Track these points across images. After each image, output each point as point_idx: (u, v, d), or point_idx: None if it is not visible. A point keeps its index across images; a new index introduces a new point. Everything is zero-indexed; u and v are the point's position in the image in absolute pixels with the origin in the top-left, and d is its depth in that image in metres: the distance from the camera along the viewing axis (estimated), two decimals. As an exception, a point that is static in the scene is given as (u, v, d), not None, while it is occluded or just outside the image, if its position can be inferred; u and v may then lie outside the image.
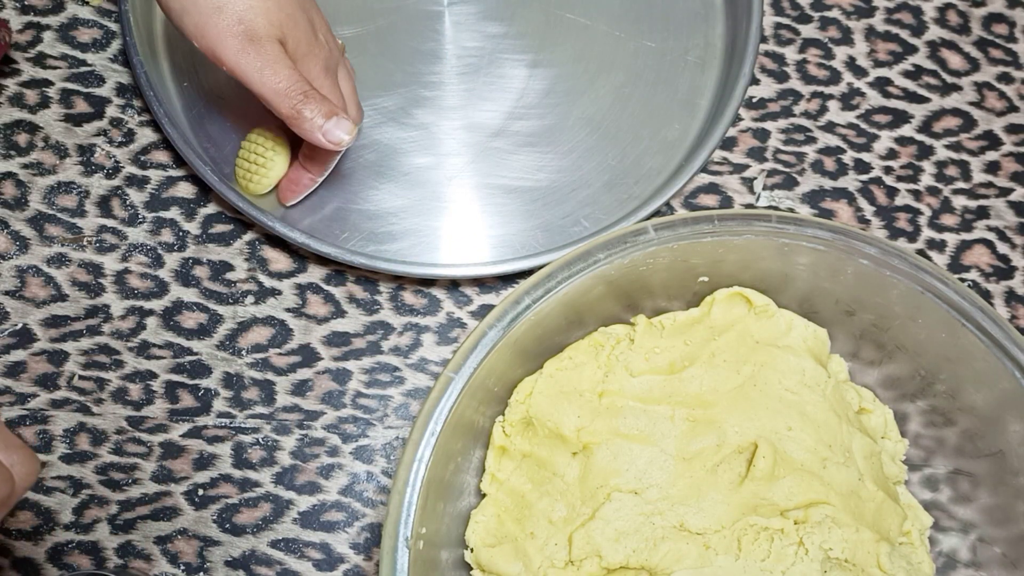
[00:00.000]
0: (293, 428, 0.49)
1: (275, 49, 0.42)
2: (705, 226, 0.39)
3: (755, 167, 0.54)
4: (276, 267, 0.51)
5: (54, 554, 0.47)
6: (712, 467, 0.39)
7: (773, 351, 0.41)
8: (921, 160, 0.54)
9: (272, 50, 0.42)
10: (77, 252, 0.51)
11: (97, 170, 0.52)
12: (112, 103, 0.53)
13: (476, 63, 0.54)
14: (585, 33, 0.55)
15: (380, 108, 0.53)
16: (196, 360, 0.49)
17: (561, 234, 0.51)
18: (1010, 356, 0.38)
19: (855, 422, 0.41)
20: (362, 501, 0.48)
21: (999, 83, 0.56)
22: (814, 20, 0.56)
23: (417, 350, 0.50)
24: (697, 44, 0.55)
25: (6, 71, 0.53)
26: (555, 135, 0.53)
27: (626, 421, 0.40)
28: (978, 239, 0.53)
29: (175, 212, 0.51)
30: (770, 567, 0.37)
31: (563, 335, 0.42)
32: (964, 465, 0.41)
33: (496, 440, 0.41)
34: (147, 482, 0.48)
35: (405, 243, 0.51)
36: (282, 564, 0.47)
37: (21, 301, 0.50)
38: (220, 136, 0.52)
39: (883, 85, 0.55)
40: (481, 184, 0.52)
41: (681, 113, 0.54)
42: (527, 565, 0.39)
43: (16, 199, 0.51)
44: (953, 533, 0.42)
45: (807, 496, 0.38)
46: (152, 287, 0.50)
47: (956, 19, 0.57)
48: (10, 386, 0.49)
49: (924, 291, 0.39)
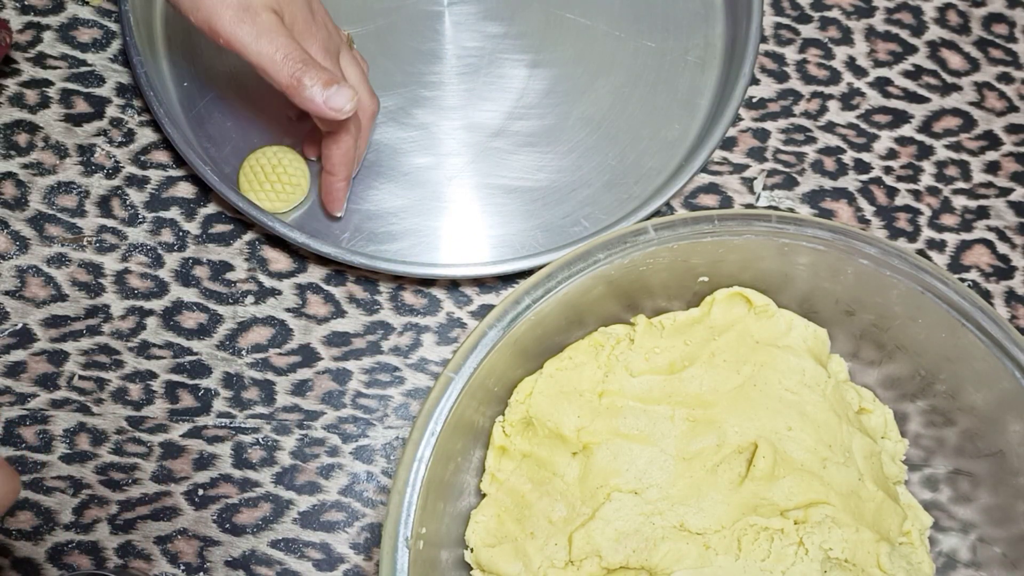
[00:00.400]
0: (293, 428, 0.49)
1: (271, 19, 0.41)
2: (705, 226, 0.39)
3: (755, 167, 0.54)
4: (276, 267, 0.51)
5: (54, 554, 0.47)
6: (712, 467, 0.39)
7: (773, 351, 0.41)
8: (921, 160, 0.54)
9: (268, 19, 0.41)
10: (77, 252, 0.51)
11: (97, 170, 0.52)
12: (112, 103, 0.53)
13: (476, 63, 0.54)
14: (585, 33, 0.55)
15: (380, 108, 0.53)
16: (196, 360, 0.49)
17: (561, 234, 0.51)
18: (1010, 356, 0.38)
19: (855, 422, 0.41)
20: (362, 501, 0.48)
21: (999, 83, 0.56)
22: (814, 20, 0.56)
23: (417, 350, 0.50)
24: (697, 44, 0.55)
25: (6, 71, 0.53)
26: (555, 135, 0.53)
27: (626, 421, 0.40)
28: (978, 239, 0.53)
29: (175, 212, 0.51)
30: (770, 567, 0.37)
31: (563, 335, 0.42)
32: (964, 465, 0.41)
33: (496, 440, 0.41)
34: (147, 482, 0.48)
35: (405, 243, 0.51)
36: (282, 564, 0.47)
37: (21, 301, 0.50)
38: (220, 136, 0.52)
39: (883, 85, 0.55)
40: (481, 184, 0.52)
41: (681, 113, 0.54)
42: (527, 565, 0.39)
43: (16, 199, 0.51)
44: (953, 533, 0.42)
45: (807, 496, 0.38)
46: (152, 287, 0.50)
47: (956, 19, 0.57)
48: (10, 386, 0.49)
49: (924, 291, 0.39)
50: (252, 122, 0.52)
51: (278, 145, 0.51)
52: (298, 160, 0.51)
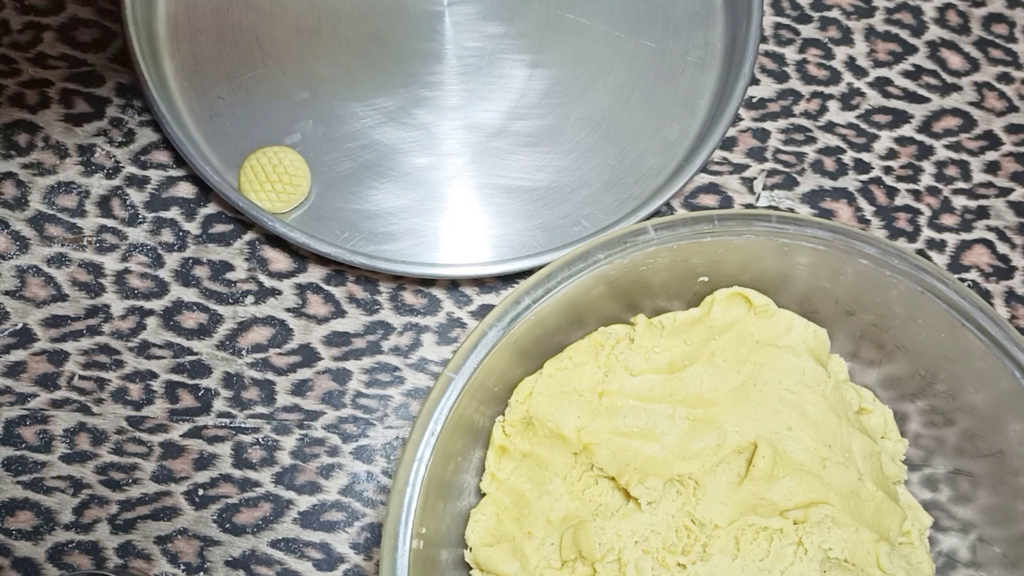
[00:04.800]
0: (293, 428, 0.49)
1: None
2: (705, 226, 0.39)
3: (755, 167, 0.54)
4: (276, 267, 0.51)
5: (54, 554, 0.47)
6: (711, 467, 0.39)
7: (773, 351, 0.41)
8: (921, 160, 0.54)
9: None
10: (77, 252, 0.51)
11: (97, 170, 0.52)
12: (112, 103, 0.53)
13: (476, 63, 0.54)
14: (585, 33, 0.55)
15: (380, 108, 0.53)
16: (196, 360, 0.49)
17: (561, 234, 0.51)
18: (1010, 356, 0.38)
19: (855, 422, 0.41)
20: (362, 501, 0.48)
21: (999, 83, 0.56)
22: (814, 20, 0.56)
23: (417, 350, 0.50)
24: (697, 44, 0.55)
25: (6, 71, 0.53)
26: (555, 135, 0.53)
27: (626, 420, 0.40)
28: (978, 239, 0.53)
29: (175, 212, 0.51)
30: (769, 567, 0.37)
31: (563, 335, 0.42)
32: (964, 465, 0.41)
33: (496, 440, 0.41)
34: (147, 482, 0.48)
35: (405, 243, 0.51)
36: (282, 564, 0.47)
37: (21, 301, 0.50)
38: (220, 136, 0.52)
39: (883, 85, 0.55)
40: (481, 184, 0.52)
41: (681, 113, 0.54)
42: (524, 564, 0.39)
43: (16, 199, 0.51)
44: (953, 533, 0.42)
45: (807, 496, 0.38)
46: (152, 287, 0.50)
47: (956, 19, 0.57)
48: (10, 386, 0.49)
49: (924, 291, 0.39)
50: (252, 122, 0.52)
51: (278, 145, 0.51)
52: (298, 160, 0.51)
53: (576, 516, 0.39)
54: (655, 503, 0.38)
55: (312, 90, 0.53)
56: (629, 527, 0.38)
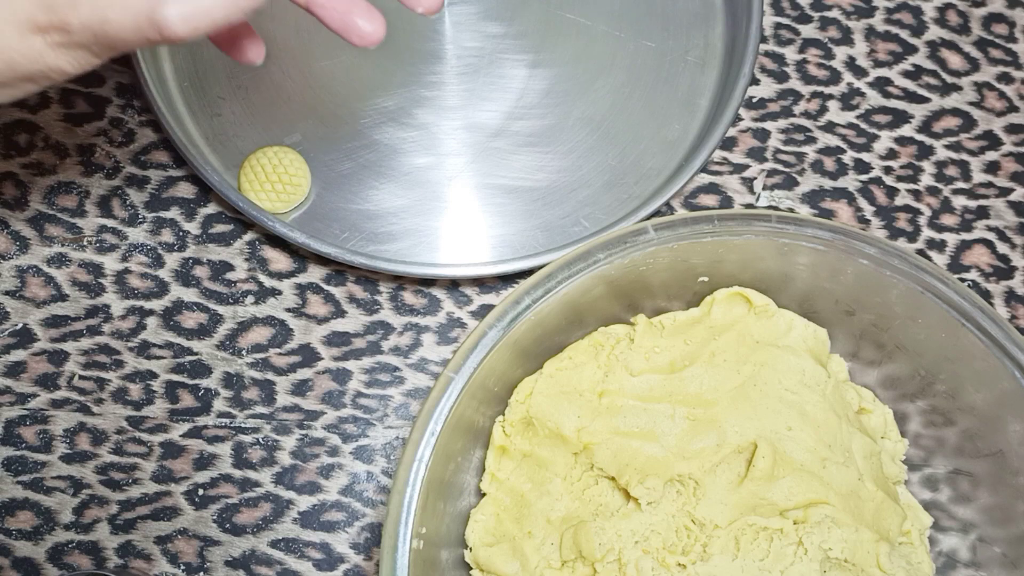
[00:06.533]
0: (293, 428, 0.49)
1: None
2: (705, 226, 0.39)
3: (755, 167, 0.54)
4: (276, 267, 0.51)
5: (54, 554, 0.47)
6: (712, 467, 0.39)
7: (773, 351, 0.41)
8: (921, 160, 0.54)
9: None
10: (77, 252, 0.51)
11: (97, 170, 0.52)
12: (112, 103, 0.53)
13: (476, 63, 0.54)
14: (585, 33, 0.55)
15: (380, 108, 0.53)
16: (196, 360, 0.49)
17: (561, 234, 0.51)
18: (1010, 356, 0.38)
19: (855, 422, 0.41)
20: (362, 501, 0.48)
21: (999, 83, 0.56)
22: (814, 20, 0.56)
23: (417, 350, 0.50)
24: (697, 44, 0.55)
25: (6, 71, 0.53)
26: (555, 135, 0.53)
27: (626, 420, 0.40)
28: (978, 239, 0.53)
29: (175, 212, 0.51)
30: (769, 567, 0.37)
31: (563, 335, 0.42)
32: (964, 465, 0.41)
33: (496, 440, 0.41)
34: (147, 482, 0.48)
35: (405, 243, 0.51)
36: (282, 564, 0.47)
37: (21, 301, 0.50)
38: (220, 136, 0.52)
39: (883, 85, 0.55)
40: (481, 184, 0.52)
41: (681, 113, 0.54)
42: (524, 564, 0.39)
43: (16, 199, 0.51)
44: (953, 533, 0.42)
45: (807, 496, 0.38)
46: (152, 287, 0.50)
47: (956, 19, 0.57)
48: (10, 386, 0.49)
49: (924, 291, 0.39)
50: (252, 122, 0.52)
51: (278, 145, 0.51)
52: (298, 160, 0.51)
53: (576, 516, 0.39)
54: (655, 503, 0.38)
55: (312, 90, 0.53)
56: (629, 527, 0.38)
